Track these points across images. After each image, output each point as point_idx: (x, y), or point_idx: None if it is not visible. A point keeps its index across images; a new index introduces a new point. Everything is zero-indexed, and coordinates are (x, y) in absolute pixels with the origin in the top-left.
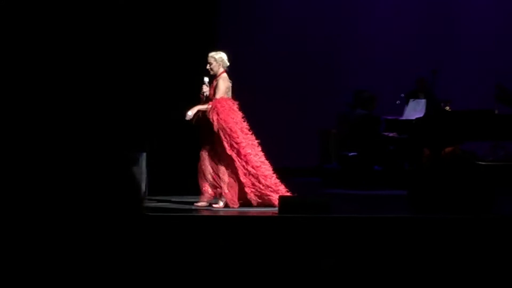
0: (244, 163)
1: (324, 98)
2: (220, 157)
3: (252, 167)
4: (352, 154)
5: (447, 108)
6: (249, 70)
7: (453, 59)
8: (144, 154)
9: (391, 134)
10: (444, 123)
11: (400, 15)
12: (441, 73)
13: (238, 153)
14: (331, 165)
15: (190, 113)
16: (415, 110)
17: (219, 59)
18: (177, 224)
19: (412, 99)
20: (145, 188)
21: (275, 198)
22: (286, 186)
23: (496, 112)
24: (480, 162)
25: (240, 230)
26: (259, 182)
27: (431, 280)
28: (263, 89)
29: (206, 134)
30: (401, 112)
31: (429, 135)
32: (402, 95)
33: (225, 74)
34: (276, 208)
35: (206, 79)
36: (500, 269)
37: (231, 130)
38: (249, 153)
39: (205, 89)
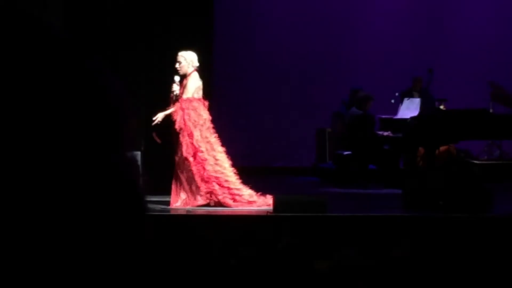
0: (201, 168)
1: (322, 97)
2: (182, 159)
3: (213, 171)
4: (347, 153)
5: (442, 107)
6: (246, 69)
7: (448, 58)
8: (139, 153)
9: (385, 133)
10: (439, 122)
11: (396, 14)
12: (436, 72)
13: (194, 156)
14: (327, 164)
15: (156, 120)
16: (409, 109)
17: (188, 58)
18: (169, 223)
19: (406, 98)
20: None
21: (234, 204)
22: (280, 185)
23: (491, 111)
24: (475, 161)
25: (236, 229)
26: (220, 186)
27: (426, 279)
28: (260, 88)
29: (175, 137)
30: (396, 111)
31: (424, 134)
32: (397, 94)
33: (195, 73)
34: (271, 208)
35: (177, 78)
36: (495, 268)
37: (189, 131)
38: (205, 158)
39: (175, 88)
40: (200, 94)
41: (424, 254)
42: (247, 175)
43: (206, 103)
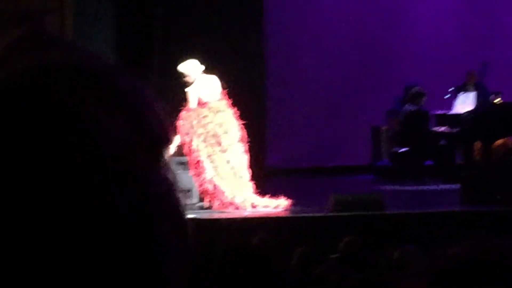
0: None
1: (376, 94)
2: None
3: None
4: (403, 150)
5: (498, 100)
6: (300, 69)
7: (503, 51)
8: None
9: (441, 129)
10: (495, 115)
11: (448, 8)
12: (491, 65)
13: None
14: (383, 162)
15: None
16: (464, 103)
17: (188, 70)
18: (220, 227)
19: (461, 93)
20: None
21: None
22: (336, 184)
23: None
24: None
25: (294, 230)
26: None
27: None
28: (314, 87)
29: None
30: (451, 106)
31: (480, 128)
32: (452, 89)
33: (197, 80)
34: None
35: (187, 90)
36: None
37: (183, 142)
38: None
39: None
40: (208, 97)
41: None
42: (303, 175)
43: (218, 104)
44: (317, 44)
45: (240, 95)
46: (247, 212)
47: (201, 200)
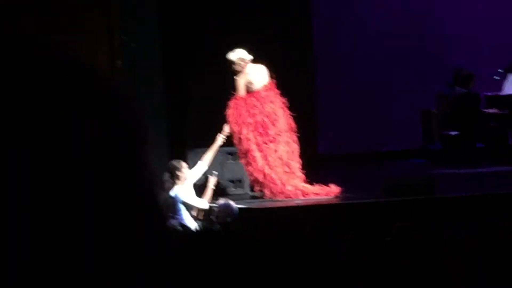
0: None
1: (426, 77)
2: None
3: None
4: (454, 133)
5: None
6: (349, 52)
7: None
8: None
9: (492, 111)
10: None
11: None
12: None
13: (246, 153)
14: (434, 146)
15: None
16: None
17: (237, 58)
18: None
19: (511, 73)
20: None
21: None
22: (388, 169)
23: None
24: None
25: (344, 217)
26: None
27: None
28: (364, 72)
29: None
30: (501, 87)
31: None
32: (501, 70)
33: (246, 68)
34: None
35: (236, 78)
36: None
37: (232, 130)
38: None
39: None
40: (256, 86)
41: None
42: (354, 162)
43: (267, 94)
44: (365, 29)
45: (289, 83)
46: (298, 200)
47: (252, 189)
